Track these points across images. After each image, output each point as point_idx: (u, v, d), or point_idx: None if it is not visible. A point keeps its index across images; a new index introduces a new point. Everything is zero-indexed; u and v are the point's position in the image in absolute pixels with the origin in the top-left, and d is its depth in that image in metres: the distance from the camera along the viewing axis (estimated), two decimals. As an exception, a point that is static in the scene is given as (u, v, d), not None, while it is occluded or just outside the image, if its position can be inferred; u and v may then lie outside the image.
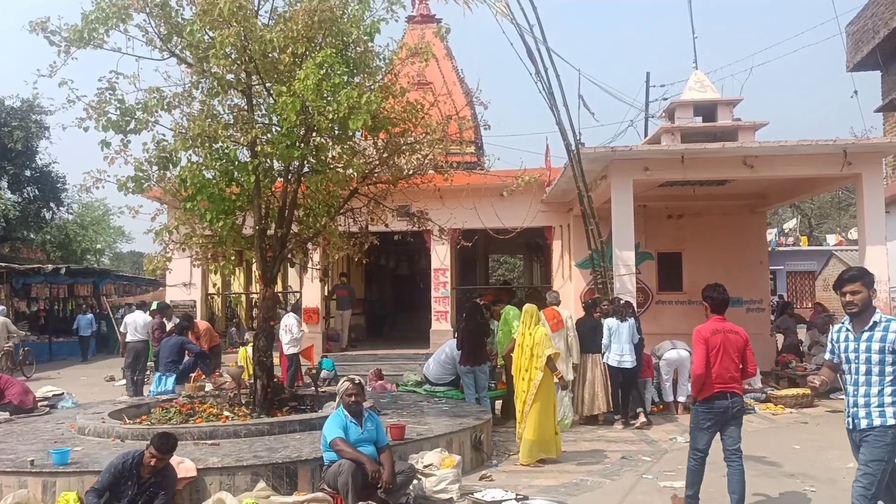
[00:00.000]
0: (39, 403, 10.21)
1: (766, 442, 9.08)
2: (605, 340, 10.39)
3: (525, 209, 15.79)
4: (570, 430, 9.78)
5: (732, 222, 16.12)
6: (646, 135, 22.52)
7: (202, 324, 13.81)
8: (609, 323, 10.40)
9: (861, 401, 4.74)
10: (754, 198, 16.10)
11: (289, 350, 12.65)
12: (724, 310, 6.21)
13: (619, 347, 10.28)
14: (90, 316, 23.09)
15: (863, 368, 4.72)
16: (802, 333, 15.85)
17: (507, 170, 13.35)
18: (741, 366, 6.02)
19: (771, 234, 29.72)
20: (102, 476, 5.74)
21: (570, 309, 13.72)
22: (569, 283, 16.49)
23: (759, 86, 66.50)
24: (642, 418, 10.18)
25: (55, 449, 6.62)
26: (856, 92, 18.69)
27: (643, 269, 14.83)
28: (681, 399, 11.22)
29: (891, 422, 4.62)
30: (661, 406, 11.30)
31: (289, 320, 12.90)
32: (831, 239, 33.20)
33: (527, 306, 8.71)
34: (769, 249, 21.98)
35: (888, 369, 4.64)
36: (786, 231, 35.88)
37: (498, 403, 10.88)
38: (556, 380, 8.38)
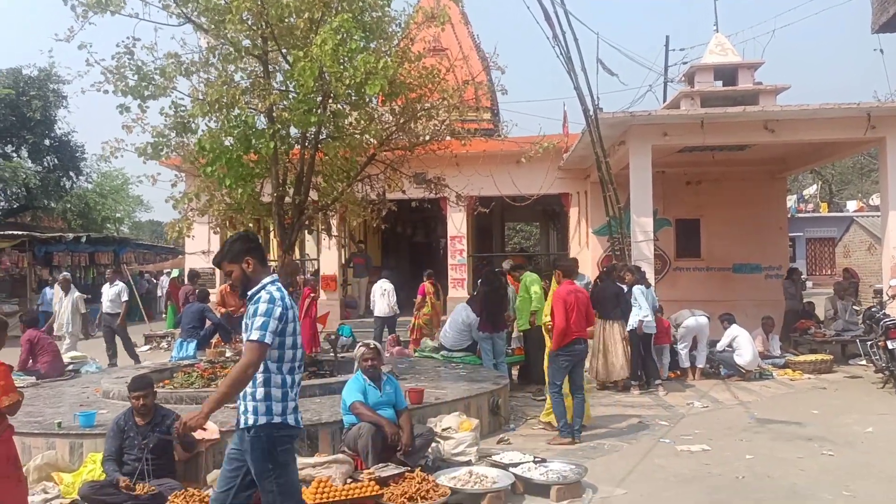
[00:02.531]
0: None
1: (784, 407, 9.10)
2: (644, 308, 10.30)
3: (542, 176, 15.68)
4: (588, 396, 9.80)
5: (752, 188, 15.94)
6: (665, 100, 22.23)
7: None
8: (642, 289, 10.38)
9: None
10: (774, 163, 15.90)
11: (383, 312, 13.38)
12: (574, 276, 7.93)
13: (650, 314, 10.34)
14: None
15: None
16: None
17: (524, 136, 13.28)
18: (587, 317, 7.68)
19: (790, 201, 29.40)
20: (106, 443, 5.84)
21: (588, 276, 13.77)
22: (586, 250, 16.45)
23: (782, 48, 65.36)
24: (662, 390, 10.19)
25: (82, 412, 6.75)
26: (881, 50, 18.18)
27: (661, 235, 14.73)
28: (699, 365, 11.22)
29: (250, 420, 3.78)
30: (679, 372, 11.31)
31: (387, 285, 13.41)
32: (852, 205, 32.77)
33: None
34: (788, 216, 21.77)
35: None
36: (805, 197, 35.48)
37: (515, 369, 10.96)
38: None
